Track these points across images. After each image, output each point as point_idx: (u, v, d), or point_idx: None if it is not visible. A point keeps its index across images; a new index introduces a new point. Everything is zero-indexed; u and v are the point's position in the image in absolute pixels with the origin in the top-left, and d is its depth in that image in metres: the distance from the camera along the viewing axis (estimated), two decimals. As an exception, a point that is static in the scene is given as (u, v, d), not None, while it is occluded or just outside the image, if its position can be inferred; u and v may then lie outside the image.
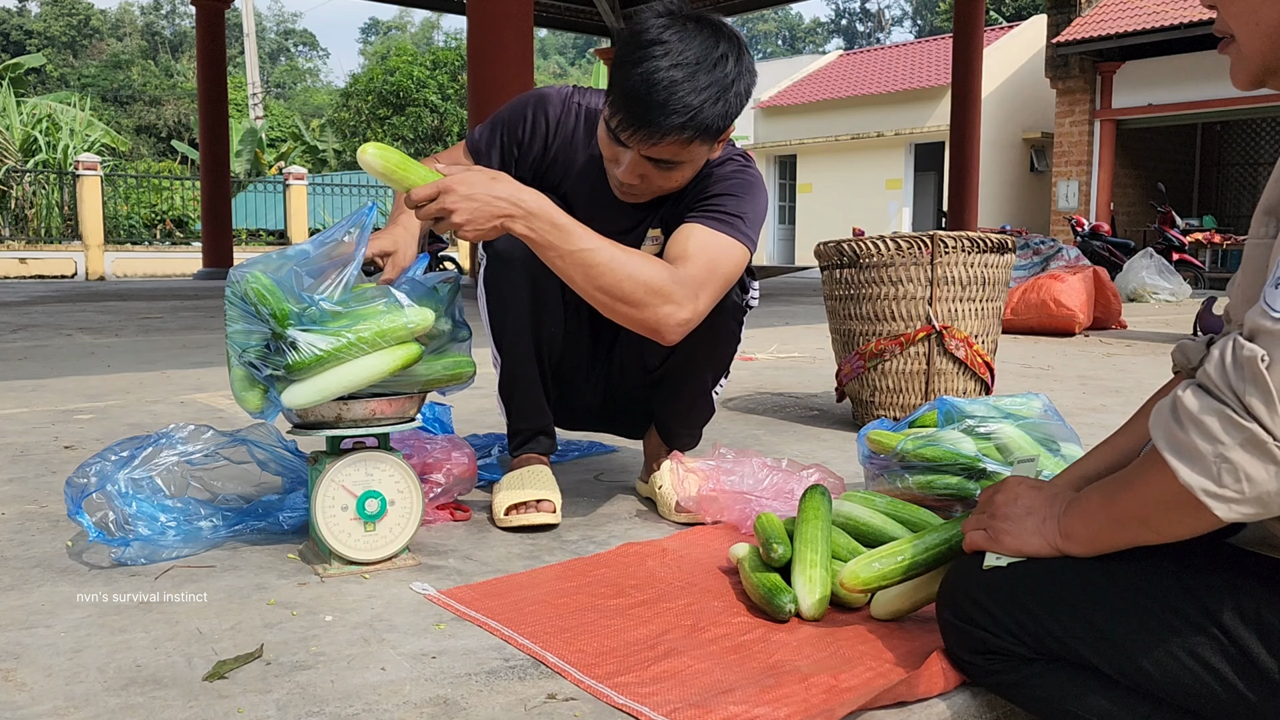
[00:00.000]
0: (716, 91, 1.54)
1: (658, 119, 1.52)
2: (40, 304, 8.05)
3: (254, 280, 1.40)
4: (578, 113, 1.81)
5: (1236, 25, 0.96)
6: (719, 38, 1.56)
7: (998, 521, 1.09)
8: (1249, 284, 0.95)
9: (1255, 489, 0.81)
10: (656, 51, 1.52)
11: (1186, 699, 0.94)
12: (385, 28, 57.12)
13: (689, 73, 1.52)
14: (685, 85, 1.51)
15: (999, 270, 2.71)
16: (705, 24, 1.57)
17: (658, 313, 1.48)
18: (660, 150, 1.57)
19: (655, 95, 1.51)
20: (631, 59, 1.54)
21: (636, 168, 1.61)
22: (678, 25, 1.55)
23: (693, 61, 1.52)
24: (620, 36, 1.56)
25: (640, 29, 1.56)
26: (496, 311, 1.81)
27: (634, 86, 1.52)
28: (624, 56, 1.56)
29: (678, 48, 1.53)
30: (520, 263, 1.75)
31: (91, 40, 43.51)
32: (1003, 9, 32.82)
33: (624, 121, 1.55)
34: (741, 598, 1.42)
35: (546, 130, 1.80)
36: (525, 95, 1.84)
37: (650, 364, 1.87)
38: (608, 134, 1.61)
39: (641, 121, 1.53)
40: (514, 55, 6.95)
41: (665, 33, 1.54)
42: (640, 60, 1.52)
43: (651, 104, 1.51)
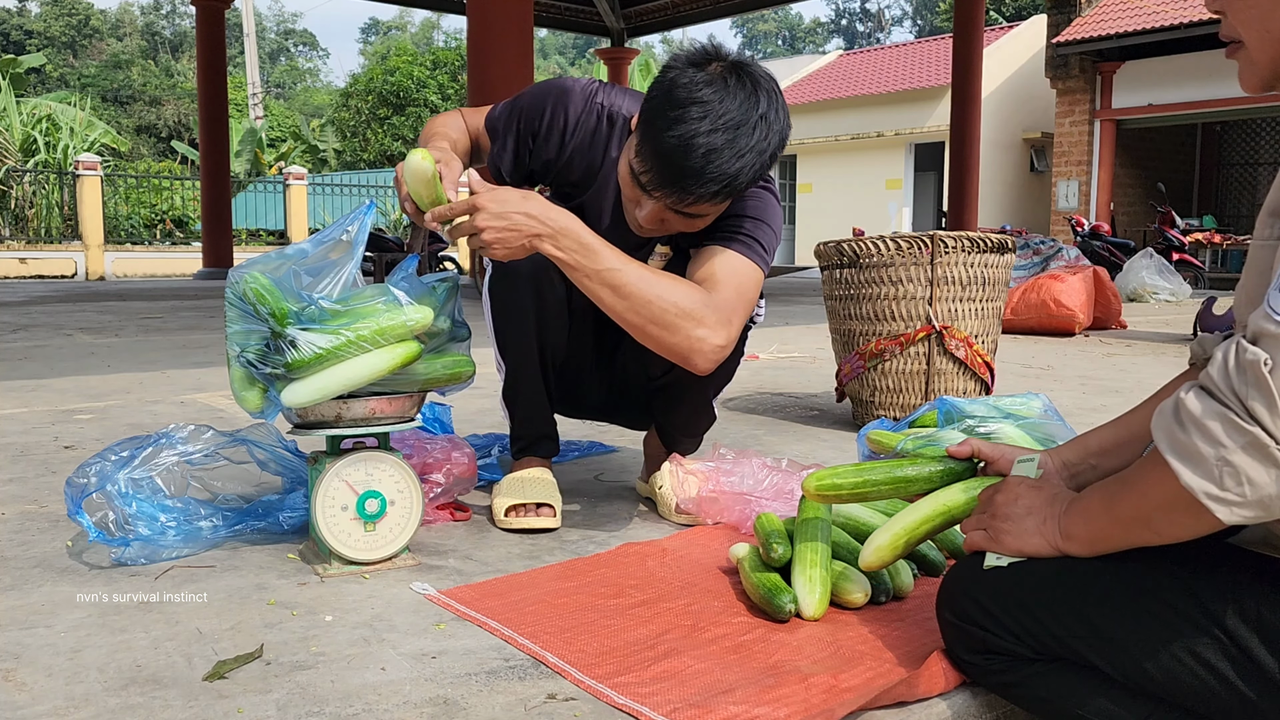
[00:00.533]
0: (755, 156, 1.45)
1: (692, 186, 1.44)
2: (40, 304, 8.05)
3: (253, 280, 1.40)
4: (599, 113, 1.74)
5: (1246, 30, 0.95)
6: (759, 94, 1.45)
7: (998, 522, 1.09)
8: (1253, 286, 0.95)
9: (1257, 492, 0.81)
10: (694, 113, 1.42)
11: (1187, 699, 0.94)
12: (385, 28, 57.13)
13: (729, 138, 1.42)
14: (725, 152, 1.42)
15: (999, 270, 2.71)
16: (745, 78, 1.46)
17: (690, 336, 1.46)
18: (689, 209, 1.51)
19: (691, 161, 1.42)
20: (667, 117, 1.43)
21: (658, 215, 1.54)
22: (717, 83, 1.44)
23: (733, 125, 1.43)
24: (655, 86, 1.51)
25: (676, 81, 1.45)
26: (501, 321, 1.80)
27: (669, 149, 1.43)
28: (658, 111, 1.45)
29: (717, 110, 1.42)
30: (525, 276, 1.73)
31: (91, 40, 43.51)
32: (1003, 9, 32.82)
33: (654, 180, 1.47)
34: (741, 598, 1.42)
35: (565, 127, 1.74)
36: (548, 86, 1.77)
37: (653, 373, 1.87)
38: (631, 178, 1.53)
39: (673, 185, 1.46)
40: (514, 55, 6.95)
41: (704, 90, 1.43)
42: (676, 121, 1.42)
43: (687, 170, 1.43)
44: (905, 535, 1.25)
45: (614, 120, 1.74)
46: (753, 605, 1.38)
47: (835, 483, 1.31)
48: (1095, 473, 1.18)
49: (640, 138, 1.49)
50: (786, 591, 1.32)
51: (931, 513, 1.24)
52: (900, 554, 1.27)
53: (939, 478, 1.29)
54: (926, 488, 1.29)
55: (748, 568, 1.41)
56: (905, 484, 1.30)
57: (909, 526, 1.25)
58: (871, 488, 1.31)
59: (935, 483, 1.28)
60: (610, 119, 1.74)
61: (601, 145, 1.74)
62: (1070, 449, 1.22)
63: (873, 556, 1.27)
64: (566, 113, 1.73)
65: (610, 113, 1.74)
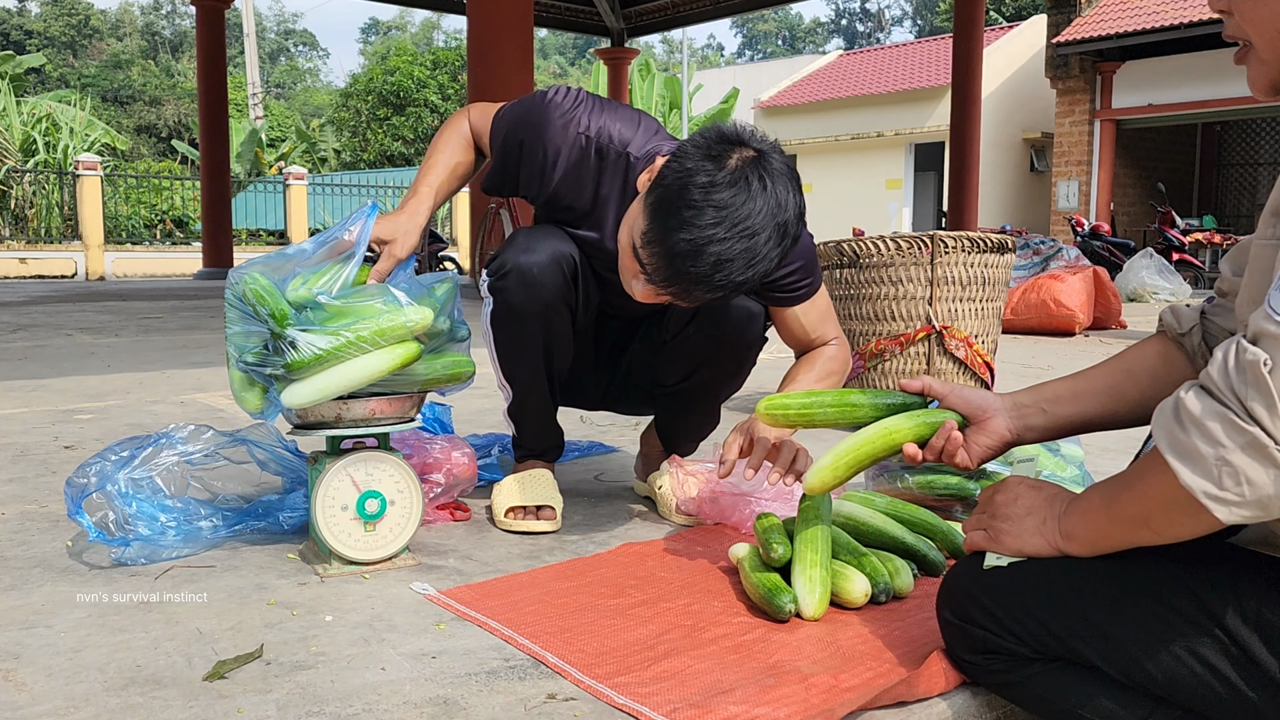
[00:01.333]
0: (766, 265, 1.34)
1: (697, 291, 1.35)
2: (40, 304, 8.05)
3: (252, 281, 1.40)
4: (585, 145, 1.63)
5: (1255, 32, 0.93)
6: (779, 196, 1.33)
7: (998, 522, 1.09)
8: (1254, 286, 0.95)
9: (1256, 492, 0.81)
10: (709, 218, 1.29)
11: (1188, 699, 0.94)
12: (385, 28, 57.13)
13: (744, 247, 1.30)
14: (737, 262, 1.31)
15: (999, 270, 2.71)
16: (766, 177, 1.32)
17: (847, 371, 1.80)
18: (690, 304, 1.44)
19: (699, 268, 1.31)
20: (679, 216, 1.31)
21: (656, 294, 1.43)
22: (739, 185, 1.30)
23: (750, 233, 1.30)
24: (670, 172, 1.33)
25: (693, 178, 1.31)
26: (506, 354, 1.74)
27: (679, 252, 1.31)
28: (670, 206, 1.32)
29: (733, 217, 1.29)
30: (534, 317, 1.67)
31: (91, 40, 43.50)
32: (1003, 9, 32.82)
33: (658, 275, 1.36)
34: (742, 598, 1.42)
35: (541, 163, 1.65)
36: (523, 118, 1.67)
37: (665, 381, 1.86)
38: (632, 256, 1.42)
39: (678, 285, 1.36)
40: (514, 55, 6.95)
41: (722, 193, 1.29)
42: (688, 224, 1.30)
43: (693, 276, 1.32)
44: (847, 456, 1.27)
45: (604, 154, 1.64)
46: (753, 605, 1.38)
47: (784, 403, 1.35)
48: (1043, 416, 1.20)
49: (649, 225, 1.36)
50: (786, 591, 1.32)
51: (874, 435, 1.26)
52: (843, 476, 1.28)
53: (886, 408, 1.30)
54: (874, 415, 1.29)
55: (748, 568, 1.41)
56: (852, 409, 1.31)
57: (852, 448, 1.27)
58: (819, 409, 1.33)
59: (882, 412, 1.29)
60: (600, 152, 1.64)
61: (591, 179, 1.66)
62: (1025, 393, 1.24)
63: (815, 479, 1.29)
64: (546, 147, 1.64)
65: (599, 145, 1.64)
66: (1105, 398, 1.19)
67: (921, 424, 1.23)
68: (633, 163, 1.63)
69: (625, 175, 1.64)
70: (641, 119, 1.69)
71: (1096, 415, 1.19)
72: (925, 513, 1.62)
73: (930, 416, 1.24)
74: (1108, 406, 1.19)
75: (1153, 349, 1.20)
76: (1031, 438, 1.21)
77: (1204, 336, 1.16)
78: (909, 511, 1.61)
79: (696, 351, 1.77)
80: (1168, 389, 1.11)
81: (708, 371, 1.80)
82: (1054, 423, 1.20)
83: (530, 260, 1.64)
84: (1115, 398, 1.19)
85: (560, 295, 1.68)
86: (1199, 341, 1.16)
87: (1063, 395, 1.21)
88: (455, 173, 1.75)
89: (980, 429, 1.21)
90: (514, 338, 1.72)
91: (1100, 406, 1.19)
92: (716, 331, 1.73)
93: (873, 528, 1.53)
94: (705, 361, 1.78)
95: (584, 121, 1.64)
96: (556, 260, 1.66)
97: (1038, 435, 1.21)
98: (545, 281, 1.65)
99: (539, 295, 1.64)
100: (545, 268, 1.65)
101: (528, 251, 1.65)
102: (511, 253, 1.67)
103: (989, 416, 1.21)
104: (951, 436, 1.20)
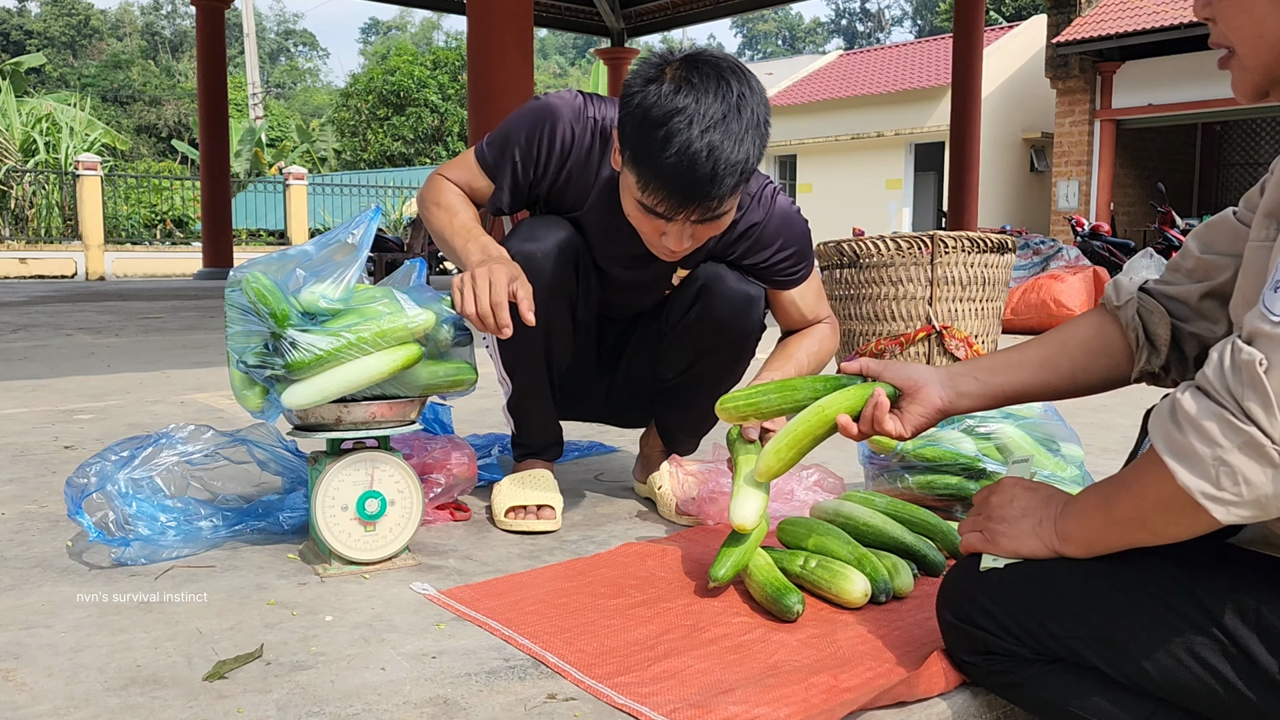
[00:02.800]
0: (753, 134, 1.45)
1: (712, 191, 1.43)
2: (40, 304, 8.05)
3: (254, 281, 1.40)
4: (593, 129, 1.70)
5: (1238, 38, 0.94)
6: (726, 76, 1.45)
7: (994, 524, 1.09)
8: (1249, 287, 0.95)
9: (1253, 492, 0.81)
10: (679, 124, 1.40)
11: (1187, 699, 0.94)
12: (385, 28, 57.14)
13: (723, 131, 1.41)
14: (726, 144, 1.41)
15: (999, 270, 2.71)
16: (705, 68, 1.45)
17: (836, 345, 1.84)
18: (716, 212, 1.49)
19: (700, 169, 1.41)
20: (655, 140, 1.41)
21: (686, 233, 1.51)
22: (684, 87, 1.42)
23: (720, 117, 1.41)
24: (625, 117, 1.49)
25: (644, 104, 1.43)
26: (507, 345, 1.75)
27: (673, 168, 1.41)
28: (643, 140, 1.43)
29: (696, 109, 1.41)
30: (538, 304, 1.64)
31: (91, 40, 43.50)
32: (1003, 9, 32.81)
33: (674, 204, 1.45)
34: (743, 598, 1.42)
35: (560, 151, 1.70)
36: (535, 112, 1.71)
37: (664, 375, 1.87)
38: (645, 213, 1.50)
39: (696, 199, 1.44)
40: (514, 55, 6.94)
41: (676, 99, 1.41)
42: (668, 139, 1.40)
43: (701, 179, 1.41)
44: (786, 438, 1.33)
45: (606, 136, 1.70)
46: (754, 605, 1.38)
47: (733, 397, 1.43)
48: (975, 384, 1.23)
49: (637, 173, 1.46)
50: (794, 592, 1.33)
51: (809, 414, 1.32)
52: (787, 458, 1.34)
53: (824, 388, 1.34)
54: (813, 397, 1.34)
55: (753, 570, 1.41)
56: (793, 392, 1.37)
57: (789, 430, 1.34)
58: (763, 397, 1.39)
59: (820, 393, 1.34)
60: (603, 134, 1.70)
61: (595, 163, 1.71)
62: (960, 364, 1.27)
63: (761, 465, 1.37)
64: (560, 136, 1.69)
65: (603, 127, 1.70)
66: (1037, 368, 1.22)
67: (853, 396, 1.28)
68: None
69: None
70: None
71: (1028, 385, 1.22)
72: (925, 513, 1.62)
73: (862, 390, 1.28)
74: (1039, 376, 1.22)
75: (1088, 321, 1.23)
76: (965, 405, 1.24)
77: (1139, 311, 1.18)
78: (909, 511, 1.61)
79: (696, 340, 1.77)
80: (1098, 360, 1.18)
81: (707, 361, 1.80)
82: (987, 389, 1.23)
83: (533, 247, 1.68)
84: (1047, 368, 1.22)
85: (561, 282, 1.70)
86: (1133, 315, 1.18)
87: (996, 365, 1.24)
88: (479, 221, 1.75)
89: (912, 398, 1.24)
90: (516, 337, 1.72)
91: (1032, 376, 1.22)
92: (717, 316, 1.73)
93: (873, 528, 1.53)
94: (704, 350, 1.78)
95: (588, 108, 1.71)
96: (559, 247, 1.70)
97: (971, 403, 1.23)
98: (547, 268, 1.68)
99: (540, 280, 1.66)
100: (548, 254, 1.68)
101: (531, 239, 1.69)
102: (515, 240, 1.70)
103: (921, 386, 1.24)
104: (879, 403, 1.24)
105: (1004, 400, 1.24)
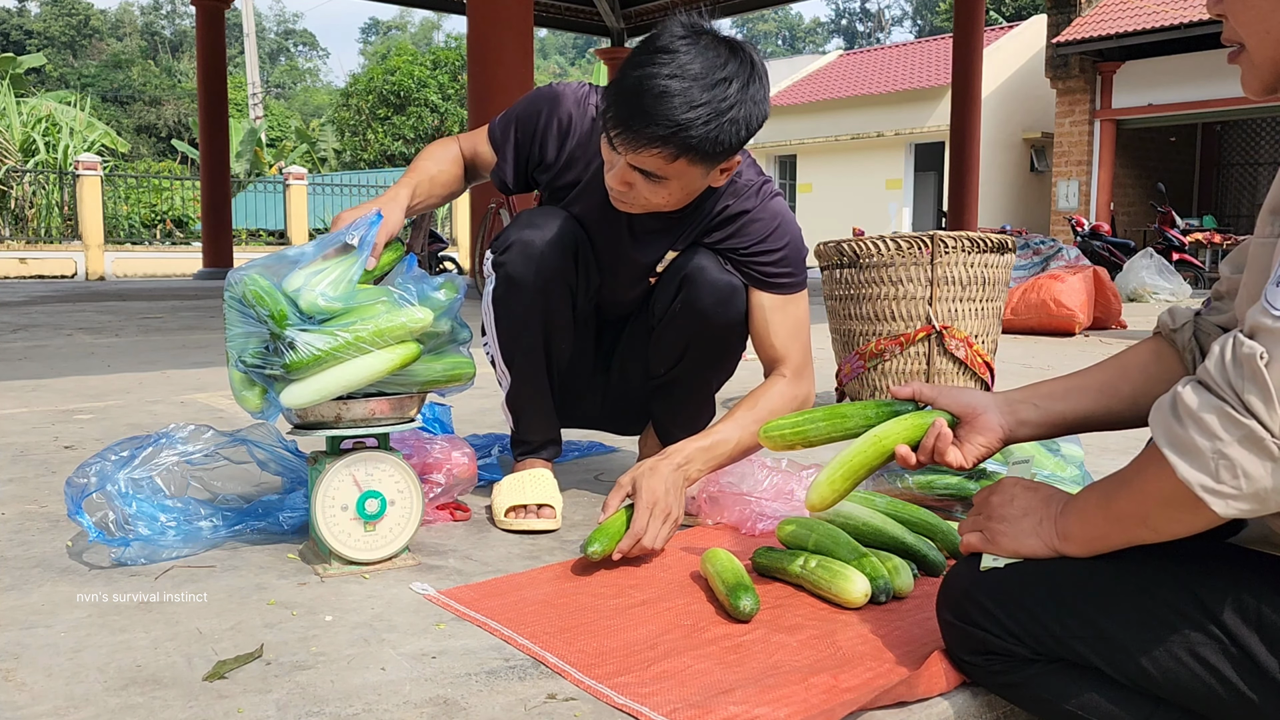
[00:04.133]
0: (709, 113, 1.47)
1: (639, 125, 1.48)
2: (40, 304, 8.05)
3: (251, 282, 1.40)
4: (594, 116, 1.76)
5: (1247, 33, 0.95)
6: (730, 59, 1.49)
7: (994, 523, 1.09)
8: (1254, 283, 0.95)
9: (1253, 485, 0.81)
10: (661, 59, 1.47)
11: (1188, 699, 0.94)
12: (385, 28, 57.14)
13: (684, 86, 1.46)
14: (677, 99, 1.45)
15: (999, 270, 2.71)
16: (722, 44, 1.50)
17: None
18: (643, 160, 1.52)
19: (644, 101, 1.46)
20: (636, 61, 1.50)
21: (624, 175, 1.57)
22: (691, 38, 1.49)
23: (692, 76, 1.46)
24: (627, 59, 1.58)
25: (655, 34, 1.52)
26: (507, 334, 1.79)
27: (628, 88, 1.48)
28: (632, 58, 1.52)
29: (682, 59, 1.47)
30: (534, 290, 1.73)
31: (91, 40, 43.50)
32: (1003, 9, 32.81)
33: (610, 121, 1.52)
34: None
35: (561, 130, 1.76)
36: (540, 94, 1.79)
37: (655, 371, 1.87)
38: (603, 134, 1.58)
39: (624, 124, 1.49)
40: (514, 55, 6.95)
41: (677, 42, 1.48)
42: (642, 64, 1.48)
43: (638, 109, 1.47)
44: (841, 469, 1.25)
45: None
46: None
47: (779, 424, 1.36)
48: (1036, 412, 1.19)
49: (610, 83, 1.55)
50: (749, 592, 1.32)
51: (865, 443, 1.25)
52: (841, 489, 1.26)
53: (876, 415, 1.29)
54: (865, 425, 1.29)
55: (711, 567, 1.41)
56: (843, 420, 1.31)
57: (844, 460, 1.25)
58: (811, 425, 1.33)
59: (872, 421, 1.29)
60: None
61: (596, 147, 1.74)
62: (1018, 390, 1.23)
63: (814, 495, 1.27)
64: (561, 117, 1.76)
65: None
66: (1098, 394, 1.18)
67: (911, 426, 1.23)
68: None
69: None
70: None
71: (1090, 411, 1.19)
72: (925, 513, 1.62)
73: (920, 418, 1.23)
74: (1100, 403, 1.18)
75: (1147, 347, 1.21)
76: (1025, 434, 1.20)
77: (1195, 334, 1.16)
78: (909, 511, 1.61)
79: (683, 330, 1.78)
80: (1159, 385, 1.12)
81: (696, 353, 1.80)
82: (1047, 418, 1.19)
83: (533, 235, 1.72)
84: (1108, 394, 1.18)
85: (560, 271, 1.73)
86: (1189, 338, 1.17)
87: (1056, 392, 1.20)
88: (437, 180, 1.79)
89: (972, 427, 1.20)
90: (514, 314, 1.76)
91: (1093, 402, 1.18)
92: (700, 306, 1.74)
93: (873, 528, 1.53)
94: (692, 341, 1.79)
95: (591, 96, 1.77)
96: (559, 236, 1.73)
97: (1031, 431, 1.20)
98: (547, 255, 1.71)
99: (540, 267, 1.70)
100: (549, 242, 1.72)
101: (531, 228, 1.73)
102: (515, 230, 1.75)
103: (980, 413, 1.20)
104: (941, 434, 1.20)
105: (1065, 428, 1.20)
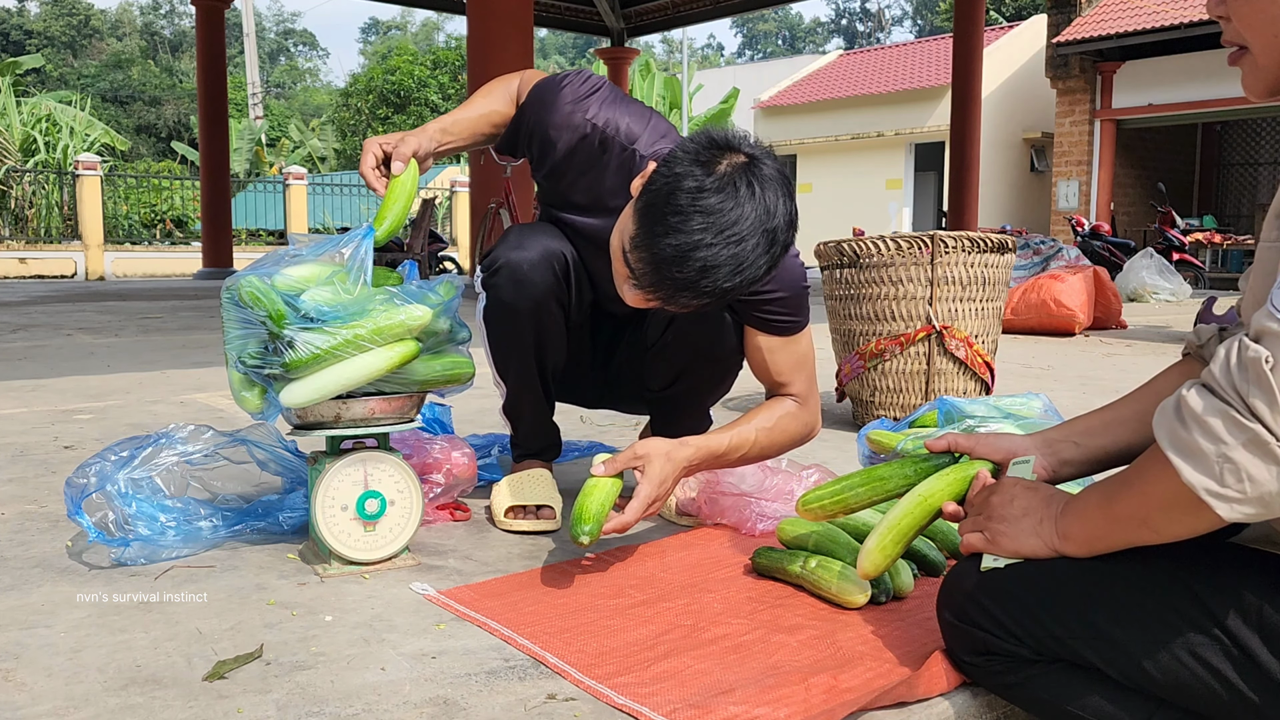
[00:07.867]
0: (754, 271, 1.33)
1: (683, 298, 1.34)
2: (40, 304, 8.05)
3: (248, 285, 1.40)
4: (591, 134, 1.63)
5: (1251, 35, 0.94)
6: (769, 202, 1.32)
7: (994, 524, 1.09)
8: (1259, 287, 0.95)
9: (1257, 489, 0.81)
10: (696, 224, 1.28)
11: (1189, 700, 0.94)
12: (385, 28, 57.14)
13: (731, 254, 1.29)
14: (724, 269, 1.30)
15: (999, 270, 2.71)
16: (756, 182, 1.31)
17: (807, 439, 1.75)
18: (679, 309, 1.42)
19: (685, 274, 1.30)
20: (666, 221, 1.30)
21: (645, 300, 1.42)
22: (727, 190, 1.29)
23: (736, 239, 1.29)
24: (659, 177, 1.33)
25: (681, 183, 1.30)
26: (500, 351, 1.76)
27: (665, 257, 1.30)
28: (659, 211, 1.31)
29: (720, 223, 1.28)
30: (525, 313, 1.68)
31: (91, 40, 43.50)
32: (1003, 9, 32.81)
33: (645, 280, 1.36)
34: (743, 599, 1.42)
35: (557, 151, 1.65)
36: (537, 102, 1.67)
37: (651, 386, 1.86)
38: (623, 260, 1.40)
39: (664, 291, 1.35)
40: (514, 55, 6.94)
41: (710, 199, 1.28)
42: (675, 230, 1.29)
43: (679, 281, 1.31)
44: (890, 533, 1.23)
45: (608, 145, 1.63)
46: (755, 606, 1.38)
47: (818, 495, 1.34)
48: (1076, 450, 1.19)
49: (637, 230, 1.35)
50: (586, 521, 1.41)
51: (911, 505, 1.23)
52: (892, 554, 1.24)
53: (914, 473, 1.28)
54: (905, 484, 1.28)
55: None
56: (882, 483, 1.30)
57: (892, 524, 1.23)
58: (850, 492, 1.32)
59: (911, 479, 1.28)
60: (604, 142, 1.63)
61: (599, 167, 1.65)
62: (1055, 429, 1.22)
63: (867, 563, 1.24)
64: (549, 131, 1.65)
65: (604, 135, 1.63)
66: (1137, 424, 1.16)
67: (954, 480, 1.21)
68: (639, 160, 1.62)
69: (631, 171, 1.62)
70: (652, 118, 1.68)
71: (1130, 443, 1.16)
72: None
73: (962, 471, 1.22)
74: (1140, 433, 1.16)
75: (1177, 369, 1.20)
76: (1068, 473, 1.19)
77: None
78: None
79: (676, 360, 1.76)
80: None
81: (690, 379, 1.79)
82: (1089, 455, 1.18)
83: (520, 256, 1.67)
84: (1147, 422, 1.14)
85: (550, 292, 1.69)
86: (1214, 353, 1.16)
87: (1094, 427, 1.19)
88: (487, 119, 1.73)
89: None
90: (505, 334, 1.73)
91: (1133, 434, 1.16)
92: (692, 340, 1.71)
93: (873, 528, 1.52)
94: (686, 370, 1.77)
95: (592, 110, 1.64)
96: (547, 257, 1.68)
97: (1075, 470, 1.19)
98: (535, 278, 1.67)
99: (529, 292, 1.66)
100: (536, 264, 1.67)
101: (519, 248, 1.68)
102: (503, 249, 1.70)
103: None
104: (986, 485, 1.17)
105: (1109, 463, 1.18)
